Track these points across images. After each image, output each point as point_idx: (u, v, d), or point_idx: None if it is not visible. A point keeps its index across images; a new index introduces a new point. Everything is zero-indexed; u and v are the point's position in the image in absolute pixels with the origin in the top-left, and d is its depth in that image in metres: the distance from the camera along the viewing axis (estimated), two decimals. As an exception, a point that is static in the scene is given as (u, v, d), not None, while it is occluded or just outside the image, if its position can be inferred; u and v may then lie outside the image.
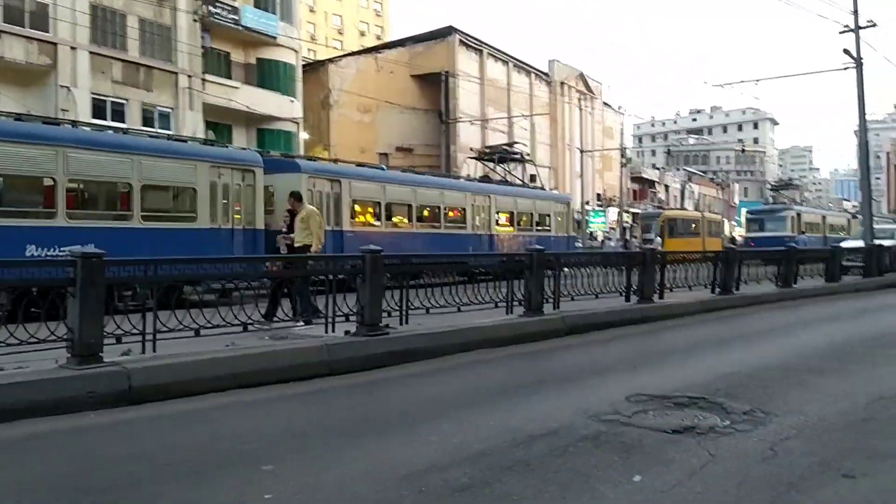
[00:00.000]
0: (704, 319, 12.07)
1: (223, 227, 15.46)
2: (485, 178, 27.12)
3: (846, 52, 20.87)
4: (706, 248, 31.78)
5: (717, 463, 4.59)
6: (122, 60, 26.96)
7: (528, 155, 31.47)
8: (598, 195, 63.39)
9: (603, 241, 47.09)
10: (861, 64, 20.66)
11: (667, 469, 4.46)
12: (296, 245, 10.20)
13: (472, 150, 32.58)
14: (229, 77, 31.77)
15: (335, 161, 25.04)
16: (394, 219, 20.61)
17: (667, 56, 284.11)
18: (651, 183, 76.45)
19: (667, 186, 78.26)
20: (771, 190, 47.02)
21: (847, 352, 8.75)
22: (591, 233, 55.98)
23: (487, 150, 30.13)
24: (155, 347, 6.49)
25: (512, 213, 25.19)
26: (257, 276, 8.35)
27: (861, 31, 21.27)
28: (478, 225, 23.42)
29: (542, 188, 30.65)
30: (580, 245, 43.34)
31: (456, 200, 22.79)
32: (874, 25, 20.81)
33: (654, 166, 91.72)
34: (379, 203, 19.80)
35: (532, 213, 26.29)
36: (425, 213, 21.80)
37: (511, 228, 25.03)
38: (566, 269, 11.42)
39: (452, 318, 9.18)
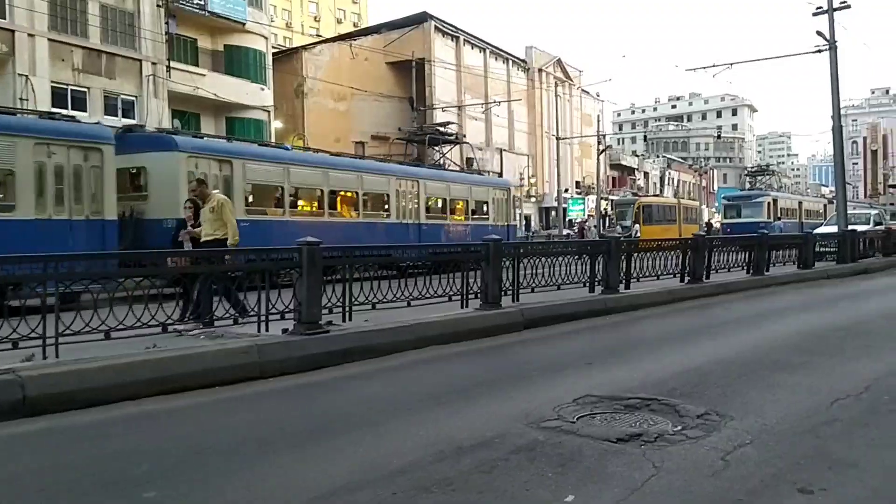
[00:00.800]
0: (672, 310, 11.61)
1: (56, 218, 12.92)
2: (416, 162, 24.98)
3: (819, 33, 20.47)
4: (683, 234, 31.42)
5: (662, 477, 4.11)
6: (83, 48, 26.11)
7: (464, 136, 29.15)
8: (578, 183, 63.07)
9: (581, 229, 46.47)
10: (835, 46, 20.27)
11: (604, 486, 3.98)
12: (204, 239, 8.70)
13: (400, 129, 30.57)
14: (196, 64, 30.96)
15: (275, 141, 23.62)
16: (300, 206, 18.32)
17: (646, 47, 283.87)
18: (630, 170, 76.31)
19: (646, 173, 78.14)
20: (747, 176, 46.79)
21: (816, 343, 8.32)
22: (571, 220, 55.65)
23: (417, 131, 27.67)
24: (58, 352, 5.90)
25: (445, 200, 22.78)
26: (158, 274, 7.64)
27: (835, 14, 20.88)
28: (404, 213, 20.86)
29: (480, 172, 28.21)
30: (557, 235, 42.56)
31: (377, 185, 20.16)
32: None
33: (634, 153, 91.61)
34: (281, 188, 17.27)
35: (468, 200, 23.82)
36: (340, 199, 19.36)
37: (444, 216, 22.64)
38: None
39: (404, 314, 8.68)
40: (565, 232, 44.42)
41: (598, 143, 51.24)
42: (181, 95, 29.26)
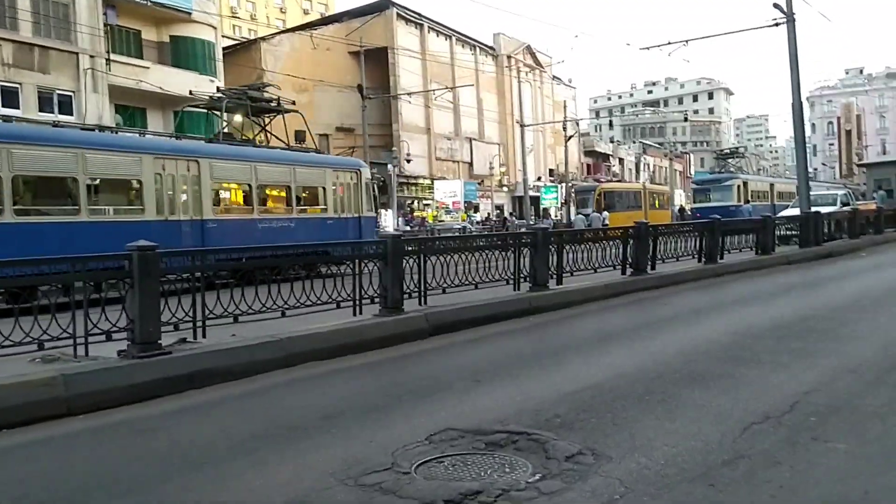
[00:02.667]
0: (605, 307, 10.49)
1: None
2: (219, 138, 18.69)
3: (776, 6, 19.38)
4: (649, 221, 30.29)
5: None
6: (13, 41, 24.60)
7: (294, 103, 22.12)
8: (551, 171, 61.97)
9: (504, 220, 44.43)
10: (793, 19, 19.19)
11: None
12: None
13: (189, 94, 23.43)
14: (140, 56, 29.52)
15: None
16: None
17: (617, 32, 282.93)
18: (605, 157, 75.30)
19: (621, 160, 77.23)
20: (717, 158, 45.77)
21: (747, 346, 7.23)
22: (545, 209, 54.53)
23: (220, 95, 20.50)
24: None
25: (249, 187, 17.00)
26: None
27: (794, -14, 19.80)
28: (172, 207, 15.11)
29: (320, 151, 21.02)
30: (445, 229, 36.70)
31: (118, 168, 14.29)
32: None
33: (611, 140, 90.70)
34: None
35: (290, 186, 17.93)
36: (40, 190, 13.62)
37: (248, 209, 17.02)
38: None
39: (282, 325, 7.51)
40: (476, 221, 40.70)
41: (564, 128, 49.98)
42: (123, 89, 27.83)
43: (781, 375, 6.06)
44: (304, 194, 18.79)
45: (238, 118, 39.10)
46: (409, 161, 43.34)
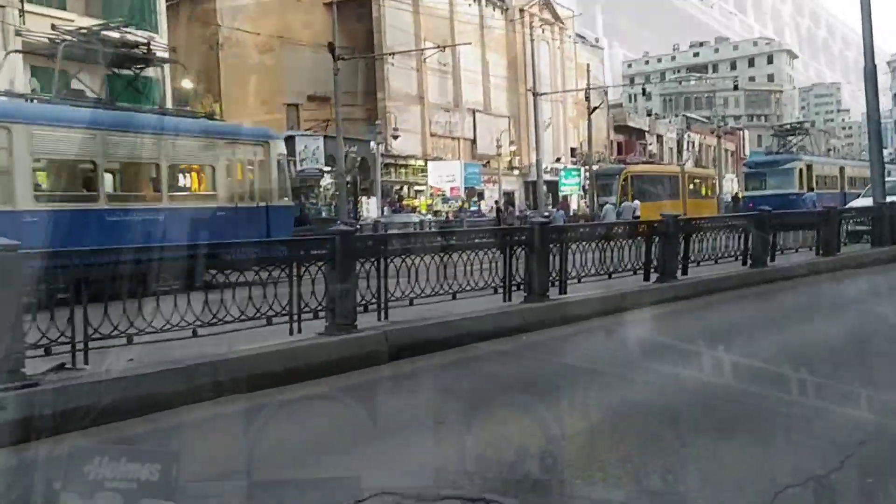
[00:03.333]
0: (619, 322, 10.04)
1: None
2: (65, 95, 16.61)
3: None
4: (688, 213, 29.90)
5: None
6: None
7: (173, 53, 20.41)
8: (573, 150, 61.58)
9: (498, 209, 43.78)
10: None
11: None
12: None
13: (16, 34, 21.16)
14: (63, 7, 29.17)
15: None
16: None
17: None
18: (641, 133, 74.95)
19: (660, 137, 76.84)
20: (775, 136, 45.28)
21: (792, 378, 6.78)
22: (565, 197, 54.16)
23: (62, 37, 17.49)
24: None
25: (93, 165, 15.09)
26: None
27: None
28: None
29: (210, 116, 18.59)
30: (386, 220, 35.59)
31: None
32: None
33: (648, 113, 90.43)
34: None
35: (158, 164, 16.06)
36: None
37: (90, 196, 15.10)
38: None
39: (198, 345, 7.11)
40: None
41: (587, 98, 49.53)
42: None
43: (833, 417, 5.65)
44: (181, 175, 17.17)
45: (188, 83, 38.46)
46: (396, 137, 42.96)
